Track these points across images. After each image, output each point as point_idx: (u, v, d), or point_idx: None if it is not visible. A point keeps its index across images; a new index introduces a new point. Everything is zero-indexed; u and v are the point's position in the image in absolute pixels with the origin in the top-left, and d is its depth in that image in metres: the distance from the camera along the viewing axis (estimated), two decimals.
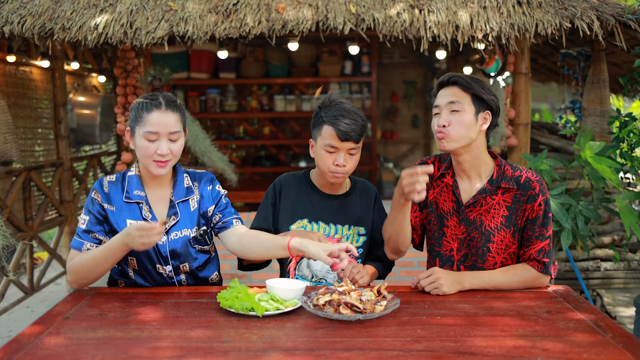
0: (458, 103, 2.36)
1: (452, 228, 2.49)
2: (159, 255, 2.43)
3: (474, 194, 2.45)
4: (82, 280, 2.35)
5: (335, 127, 2.42)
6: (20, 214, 5.18)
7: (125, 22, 4.11)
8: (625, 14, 4.02)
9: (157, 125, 2.32)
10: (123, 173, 2.49)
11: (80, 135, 6.25)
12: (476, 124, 2.38)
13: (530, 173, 2.44)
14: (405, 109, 8.98)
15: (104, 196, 2.41)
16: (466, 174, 2.48)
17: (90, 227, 2.39)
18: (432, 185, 2.56)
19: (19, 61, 5.20)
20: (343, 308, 2.02)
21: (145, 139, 2.33)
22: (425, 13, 4.09)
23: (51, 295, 5.97)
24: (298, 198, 2.61)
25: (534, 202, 2.40)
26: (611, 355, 1.72)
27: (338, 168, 2.46)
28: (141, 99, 2.39)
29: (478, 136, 2.40)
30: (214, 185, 2.56)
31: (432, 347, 1.78)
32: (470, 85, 2.37)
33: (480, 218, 2.44)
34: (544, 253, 2.41)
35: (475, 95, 2.37)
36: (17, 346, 1.80)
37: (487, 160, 2.47)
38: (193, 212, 2.50)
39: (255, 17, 4.11)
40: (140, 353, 1.75)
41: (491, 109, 2.41)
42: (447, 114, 2.38)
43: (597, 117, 4.78)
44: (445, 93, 2.41)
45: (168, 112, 2.35)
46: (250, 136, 7.91)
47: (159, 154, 2.32)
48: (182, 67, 7.05)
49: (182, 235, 2.46)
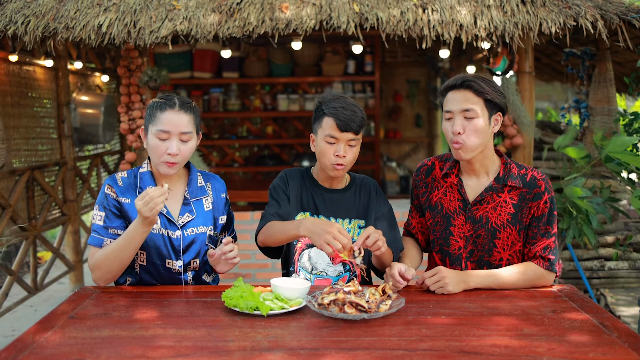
0: (473, 110, 2.35)
1: (459, 227, 2.49)
2: (172, 248, 2.46)
3: (480, 192, 2.46)
4: (107, 274, 2.37)
5: (335, 118, 2.45)
6: (24, 213, 5.19)
7: (128, 21, 4.11)
8: (629, 12, 4.01)
9: (168, 125, 2.36)
10: (134, 170, 2.51)
11: (83, 134, 6.25)
12: (489, 127, 2.38)
13: (535, 172, 2.45)
14: (408, 108, 8.97)
15: (119, 189, 2.44)
16: (475, 172, 2.49)
17: (109, 223, 2.42)
18: (436, 186, 2.57)
19: (23, 60, 5.21)
20: (348, 307, 2.01)
21: (156, 138, 2.36)
22: (429, 12, 4.09)
23: (55, 295, 5.97)
24: (300, 192, 2.65)
25: (539, 200, 2.41)
26: (617, 354, 1.72)
27: (339, 159, 2.48)
28: (157, 99, 2.43)
29: (490, 137, 2.42)
30: (226, 195, 2.67)
31: (437, 347, 1.78)
32: (483, 90, 2.35)
33: (487, 215, 2.45)
34: (550, 250, 2.42)
35: (488, 99, 2.36)
36: (22, 345, 1.80)
37: (494, 159, 2.49)
38: (208, 212, 2.55)
39: (258, 16, 4.11)
40: (145, 352, 1.75)
41: (502, 110, 2.40)
42: (461, 120, 2.37)
43: (605, 116, 4.76)
44: (458, 97, 2.38)
45: (181, 113, 2.39)
46: (253, 135, 7.91)
47: (168, 153, 2.35)
48: (186, 66, 7.05)
49: (198, 231, 2.51)
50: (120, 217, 2.43)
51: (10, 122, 5.00)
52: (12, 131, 5.02)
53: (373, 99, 7.53)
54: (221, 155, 8.07)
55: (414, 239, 2.75)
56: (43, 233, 5.55)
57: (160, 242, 2.44)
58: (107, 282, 2.40)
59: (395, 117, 8.92)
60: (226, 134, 7.95)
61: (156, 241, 2.44)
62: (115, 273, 2.38)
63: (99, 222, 2.42)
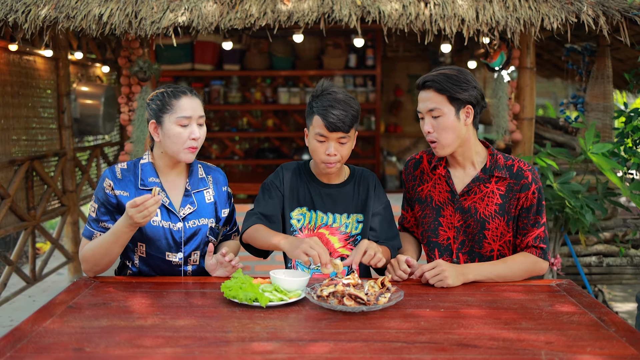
0: (437, 109, 2.38)
1: (448, 217, 2.52)
2: (173, 241, 2.45)
3: (467, 183, 2.49)
4: (96, 267, 2.39)
5: (323, 118, 2.41)
6: (23, 204, 5.19)
7: (130, 11, 4.10)
8: (630, 9, 4.00)
9: (188, 110, 2.38)
10: (134, 161, 2.51)
11: (83, 125, 6.24)
12: (459, 121, 2.40)
13: (522, 162, 2.48)
14: (409, 102, 8.97)
15: (117, 182, 2.42)
16: (459, 164, 2.52)
17: (100, 216, 2.42)
18: (425, 179, 2.60)
19: (23, 50, 5.20)
20: (347, 299, 2.01)
21: (178, 125, 2.37)
22: (431, 6, 4.08)
23: (53, 285, 5.98)
24: (298, 186, 2.62)
25: (527, 191, 2.43)
26: (614, 349, 1.72)
27: (329, 157, 2.45)
28: (163, 89, 2.43)
29: (467, 130, 2.43)
30: (228, 188, 2.67)
31: (436, 339, 1.78)
32: (443, 87, 2.36)
33: (474, 206, 2.47)
34: (541, 239, 2.46)
35: (451, 96, 2.37)
36: (20, 334, 1.80)
37: (479, 150, 2.51)
38: (209, 204, 2.55)
39: (260, 8, 4.10)
40: (143, 342, 1.75)
41: (471, 103, 2.40)
42: (429, 120, 2.42)
43: (600, 113, 4.77)
44: (423, 97, 2.43)
45: (194, 98, 2.43)
46: (253, 128, 7.91)
47: (192, 138, 2.37)
48: (187, 58, 7.04)
49: (200, 224, 2.50)
50: (110, 213, 2.41)
51: (10, 112, 5.00)
52: (11, 121, 5.01)
53: (374, 93, 7.52)
54: (221, 148, 8.06)
55: (410, 233, 2.76)
56: (42, 224, 5.54)
57: (161, 234, 2.43)
58: (97, 273, 2.42)
59: (395, 111, 8.92)
60: (227, 126, 7.94)
61: (157, 233, 2.42)
62: (104, 266, 2.39)
63: (93, 214, 2.43)
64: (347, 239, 2.59)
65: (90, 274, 2.42)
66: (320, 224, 2.58)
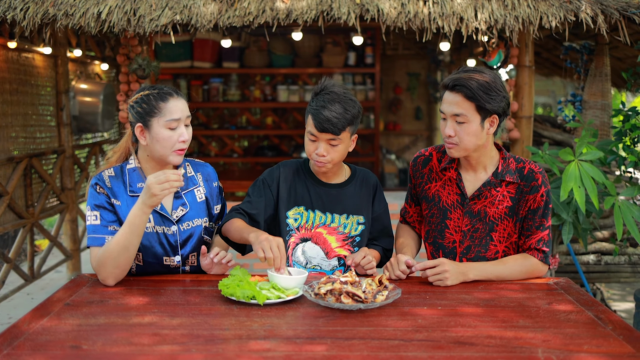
0: (462, 115, 2.30)
1: (456, 220, 2.50)
2: (169, 245, 2.42)
3: (478, 187, 2.46)
4: (115, 270, 2.25)
5: (314, 118, 2.39)
6: (21, 201, 5.18)
7: (128, 9, 4.10)
8: (629, 8, 4.00)
9: (177, 112, 2.34)
10: (120, 167, 2.44)
11: (82, 122, 6.24)
12: (482, 130, 2.34)
13: (533, 164, 2.45)
14: (408, 101, 8.97)
15: (110, 191, 2.36)
16: (472, 168, 2.48)
17: (105, 219, 2.33)
18: (434, 177, 2.56)
19: (22, 47, 5.19)
20: (344, 297, 2.01)
21: (167, 129, 2.32)
22: (430, 4, 4.08)
23: (51, 283, 5.98)
24: (295, 185, 2.59)
25: (536, 193, 2.41)
26: (611, 347, 1.72)
27: (318, 157, 2.45)
28: (147, 92, 2.36)
29: (487, 137, 2.39)
30: (218, 183, 2.63)
31: (433, 337, 1.78)
32: (474, 95, 2.28)
33: (484, 209, 2.45)
34: (544, 243, 2.44)
35: (480, 105, 2.30)
36: (17, 332, 1.80)
37: (492, 154, 2.48)
38: (201, 202, 2.51)
39: (258, 6, 4.10)
40: (140, 340, 1.75)
41: (497, 113, 2.34)
42: (452, 124, 2.34)
43: (598, 110, 4.77)
44: (449, 100, 2.34)
45: (180, 98, 2.39)
46: (252, 126, 7.91)
47: (181, 140, 2.34)
48: (186, 55, 7.04)
49: (194, 225, 2.47)
50: (115, 214, 2.35)
51: (9, 109, 4.99)
52: (10, 118, 5.01)
53: (373, 91, 7.52)
54: (220, 146, 8.06)
55: (411, 227, 2.76)
56: (40, 221, 5.54)
57: (155, 240, 2.39)
58: (117, 278, 2.27)
59: (395, 109, 8.91)
60: (226, 124, 7.95)
61: (151, 240, 2.38)
62: (124, 267, 2.26)
63: (95, 222, 2.31)
64: (346, 239, 2.58)
65: (109, 282, 2.27)
66: (318, 224, 2.56)
